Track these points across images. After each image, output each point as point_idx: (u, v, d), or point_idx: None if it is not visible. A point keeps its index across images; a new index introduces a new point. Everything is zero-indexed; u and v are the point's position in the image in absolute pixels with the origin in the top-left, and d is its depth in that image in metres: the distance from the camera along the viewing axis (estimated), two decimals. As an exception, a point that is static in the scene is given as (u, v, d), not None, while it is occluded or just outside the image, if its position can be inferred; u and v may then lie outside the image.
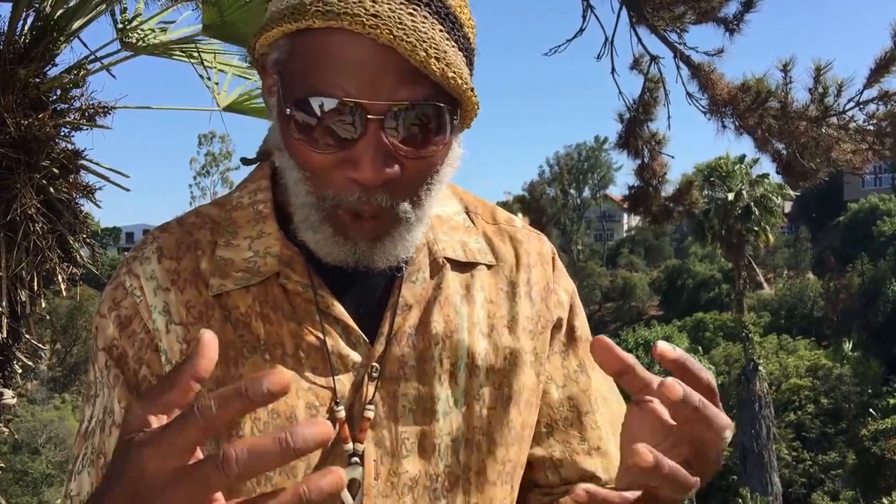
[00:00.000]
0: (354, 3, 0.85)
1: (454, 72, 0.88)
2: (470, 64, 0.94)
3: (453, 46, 0.90)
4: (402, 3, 0.86)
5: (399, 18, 0.85)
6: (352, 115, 0.86)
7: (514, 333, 1.04)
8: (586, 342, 1.12)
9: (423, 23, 0.87)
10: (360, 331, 0.97)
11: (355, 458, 0.93)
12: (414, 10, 0.87)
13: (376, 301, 0.99)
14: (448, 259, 1.03)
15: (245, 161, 1.09)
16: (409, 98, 0.87)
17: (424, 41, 0.86)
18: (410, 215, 0.93)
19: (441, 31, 0.88)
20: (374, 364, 0.96)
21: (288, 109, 0.90)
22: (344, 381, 0.95)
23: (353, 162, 0.88)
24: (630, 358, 0.76)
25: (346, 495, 0.92)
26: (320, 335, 0.95)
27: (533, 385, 1.04)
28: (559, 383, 1.09)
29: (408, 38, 0.84)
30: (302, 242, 0.97)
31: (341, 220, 0.92)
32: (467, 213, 1.10)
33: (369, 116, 0.86)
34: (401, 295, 0.99)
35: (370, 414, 0.94)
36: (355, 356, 0.96)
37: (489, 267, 1.06)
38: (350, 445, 0.93)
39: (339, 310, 0.97)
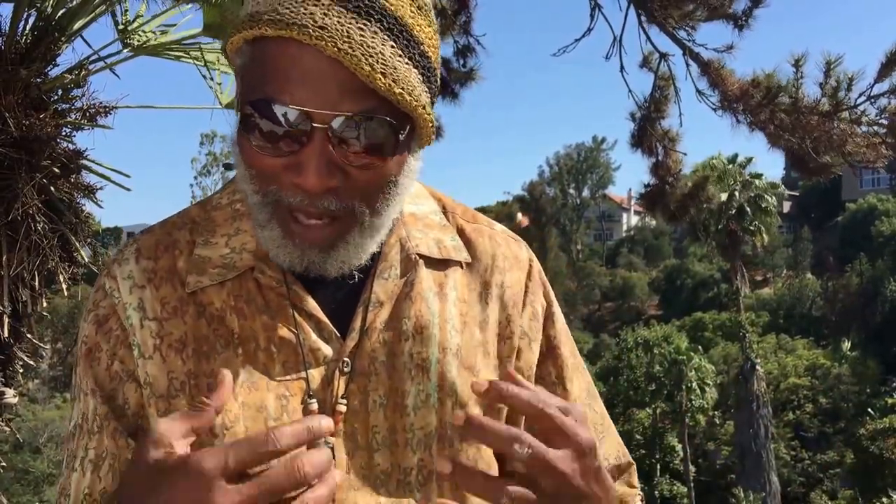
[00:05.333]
0: (305, 14, 0.87)
1: (402, 88, 0.89)
2: (429, 81, 0.95)
3: (406, 64, 0.91)
4: (352, 17, 0.88)
5: (347, 32, 0.87)
6: (299, 122, 0.88)
7: (485, 334, 1.05)
8: (564, 351, 1.12)
9: (373, 38, 0.88)
10: (331, 326, 0.98)
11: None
12: (364, 25, 0.88)
13: (349, 297, 1.01)
14: (421, 255, 1.04)
15: (228, 166, 1.11)
16: (353, 110, 0.88)
17: (371, 56, 0.87)
18: (366, 219, 0.94)
19: (392, 47, 0.89)
20: (345, 359, 0.97)
21: (240, 110, 0.92)
22: (315, 376, 0.96)
23: (297, 168, 0.90)
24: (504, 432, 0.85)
25: None
26: (293, 329, 0.97)
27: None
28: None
29: (353, 51, 0.86)
30: None
31: (288, 223, 0.93)
32: (444, 212, 1.11)
33: (314, 124, 0.88)
34: (372, 291, 1.00)
35: (342, 408, 0.96)
36: (327, 350, 0.98)
37: (463, 266, 1.07)
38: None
39: (312, 304, 0.98)
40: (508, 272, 1.09)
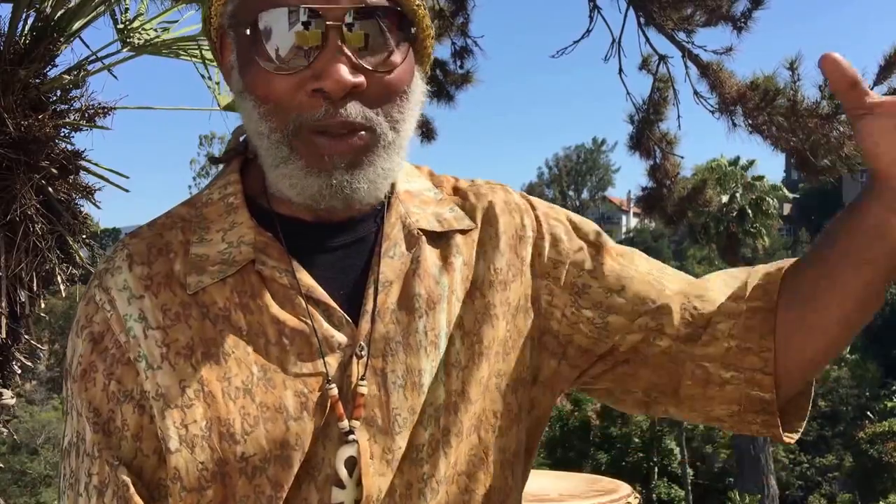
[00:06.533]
0: None
1: None
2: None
3: None
4: None
5: None
6: (309, 24, 0.87)
7: (485, 290, 1.03)
8: (609, 242, 1.10)
9: None
10: (342, 311, 0.96)
11: (352, 437, 0.92)
12: None
13: (355, 280, 0.98)
14: (423, 231, 1.02)
15: (213, 160, 1.09)
16: (363, 2, 0.87)
17: None
18: (388, 134, 0.93)
19: None
20: (360, 343, 0.94)
21: (247, 30, 0.90)
22: (331, 364, 0.93)
23: (317, 76, 0.88)
24: (857, 74, 0.85)
25: (343, 473, 0.91)
26: (303, 319, 0.94)
27: (503, 336, 1.03)
28: (617, 288, 1.06)
29: None
30: (278, 223, 0.97)
31: (313, 146, 0.91)
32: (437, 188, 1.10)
33: (328, 23, 0.87)
34: (380, 271, 0.98)
35: (363, 390, 0.93)
36: (340, 337, 0.95)
37: (462, 233, 1.05)
38: (345, 423, 0.92)
39: (320, 291, 0.95)
40: (501, 217, 1.07)
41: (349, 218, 1.00)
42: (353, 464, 0.92)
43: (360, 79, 0.88)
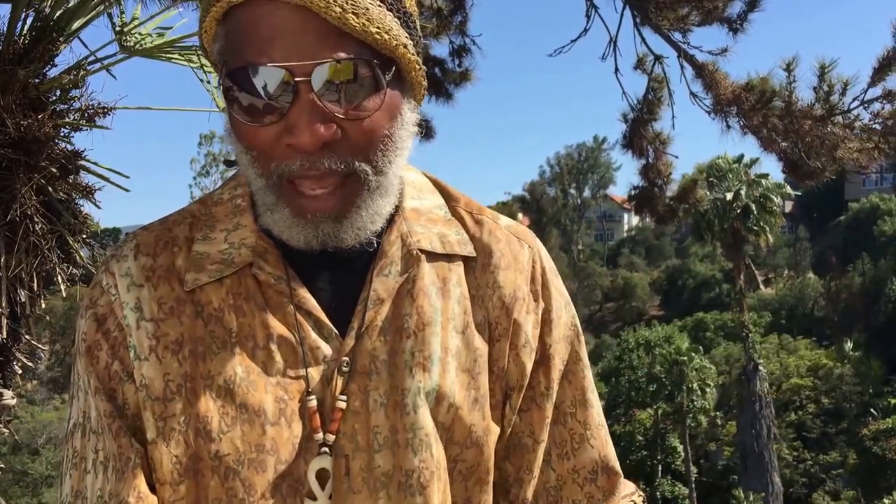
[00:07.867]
0: None
1: (378, 27, 0.87)
2: (407, 26, 0.93)
3: (379, 6, 0.89)
4: None
5: None
6: (281, 81, 0.87)
7: (483, 336, 1.02)
8: (557, 361, 1.06)
9: None
10: (331, 325, 0.96)
11: (325, 449, 0.92)
12: None
13: (349, 294, 0.99)
14: (424, 251, 1.01)
15: (228, 163, 1.10)
16: (332, 57, 0.86)
17: None
18: (371, 179, 0.92)
19: None
20: (344, 358, 0.95)
21: (223, 85, 0.91)
22: (314, 375, 0.94)
23: (290, 130, 0.88)
24: None
25: (315, 485, 0.92)
26: (293, 328, 0.95)
27: (499, 396, 1.02)
28: (526, 431, 1.05)
29: None
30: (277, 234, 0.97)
31: (296, 200, 0.91)
32: (448, 203, 1.08)
33: (297, 79, 0.86)
34: (372, 289, 0.98)
35: (342, 405, 0.94)
36: (326, 349, 0.95)
37: (467, 262, 1.04)
38: (320, 435, 0.93)
39: (312, 303, 0.96)
40: (505, 271, 1.05)
41: None
42: (326, 477, 0.92)
43: (333, 130, 0.88)
